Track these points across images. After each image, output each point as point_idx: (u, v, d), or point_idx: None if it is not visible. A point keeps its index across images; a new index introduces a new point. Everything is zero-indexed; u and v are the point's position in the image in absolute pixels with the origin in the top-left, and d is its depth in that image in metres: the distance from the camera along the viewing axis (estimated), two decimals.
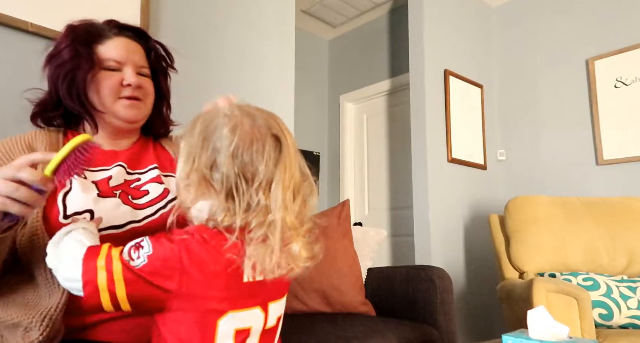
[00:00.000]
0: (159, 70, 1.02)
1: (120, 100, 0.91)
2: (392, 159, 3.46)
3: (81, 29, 0.92)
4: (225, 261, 0.63)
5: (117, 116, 0.92)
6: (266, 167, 0.65)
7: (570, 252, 1.99)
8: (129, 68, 0.92)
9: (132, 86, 0.92)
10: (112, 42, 0.92)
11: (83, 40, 0.90)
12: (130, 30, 0.97)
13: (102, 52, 0.91)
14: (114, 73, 0.91)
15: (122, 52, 0.92)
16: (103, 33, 0.93)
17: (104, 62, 0.91)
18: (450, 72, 2.91)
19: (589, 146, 2.76)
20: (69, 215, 0.80)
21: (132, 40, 0.96)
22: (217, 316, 0.64)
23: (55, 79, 0.90)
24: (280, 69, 2.19)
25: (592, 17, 2.83)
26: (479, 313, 2.79)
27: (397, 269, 1.65)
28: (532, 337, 0.76)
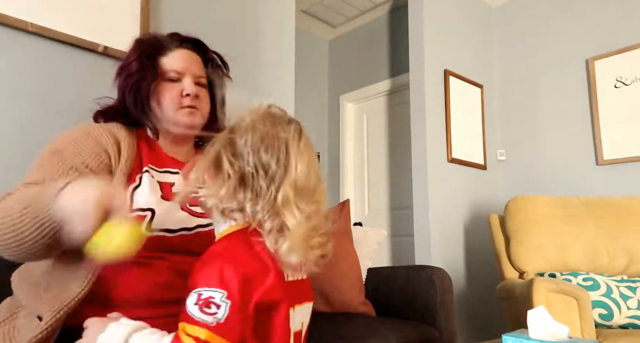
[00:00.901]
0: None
1: (180, 110, 0.98)
2: (392, 159, 3.46)
3: (147, 42, 1.00)
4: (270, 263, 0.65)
5: (177, 124, 0.99)
6: (278, 165, 0.66)
7: (570, 252, 1.99)
8: (188, 78, 0.99)
9: (191, 96, 0.98)
10: (173, 54, 1.00)
11: (149, 53, 0.98)
12: (190, 42, 1.04)
13: (165, 64, 0.98)
14: (175, 84, 0.98)
15: (182, 63, 0.99)
16: (166, 45, 1.00)
17: (166, 74, 0.98)
18: (450, 72, 2.91)
19: (589, 146, 2.76)
20: (134, 209, 0.85)
21: (192, 51, 1.03)
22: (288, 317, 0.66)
23: (124, 89, 0.97)
24: (280, 69, 2.19)
25: (592, 17, 2.83)
26: (479, 313, 2.78)
27: (397, 269, 1.65)
28: (532, 337, 0.76)
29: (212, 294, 0.60)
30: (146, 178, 0.91)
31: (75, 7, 1.49)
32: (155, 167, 0.96)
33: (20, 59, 1.40)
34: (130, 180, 0.89)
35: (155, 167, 0.96)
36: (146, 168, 0.93)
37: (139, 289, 0.82)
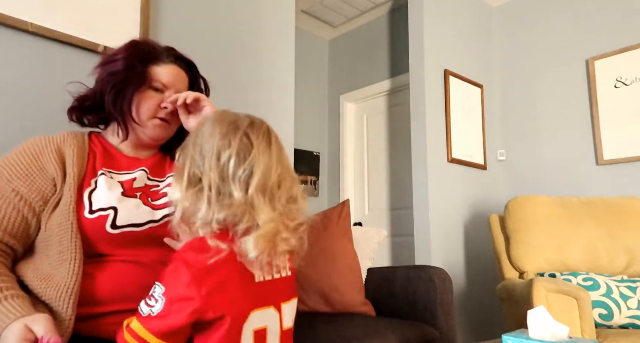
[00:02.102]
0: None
1: (153, 119, 1.01)
2: (392, 159, 3.46)
3: (143, 46, 1.02)
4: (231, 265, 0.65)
5: (145, 132, 1.01)
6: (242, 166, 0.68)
7: (570, 252, 1.99)
8: (171, 93, 1.02)
9: (167, 110, 1.01)
10: (166, 66, 1.02)
11: (141, 57, 0.99)
12: (184, 61, 1.08)
13: (154, 73, 1.00)
14: (157, 94, 1.01)
15: (170, 78, 1.02)
16: (161, 57, 1.02)
17: (152, 82, 1.00)
18: (450, 72, 2.91)
19: (589, 146, 2.76)
20: (94, 210, 0.87)
21: (182, 70, 1.06)
22: (242, 321, 0.65)
23: (105, 84, 0.98)
24: (280, 69, 2.19)
25: (592, 17, 2.83)
26: (479, 313, 2.78)
27: (397, 269, 1.65)
28: (532, 337, 0.76)
29: (156, 288, 0.65)
30: (102, 180, 0.92)
31: (75, 7, 1.49)
32: (112, 170, 0.97)
33: (20, 59, 1.40)
34: (84, 185, 0.90)
35: (112, 170, 0.97)
36: (101, 171, 0.94)
37: (118, 287, 0.83)
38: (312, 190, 3.71)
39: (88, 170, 0.93)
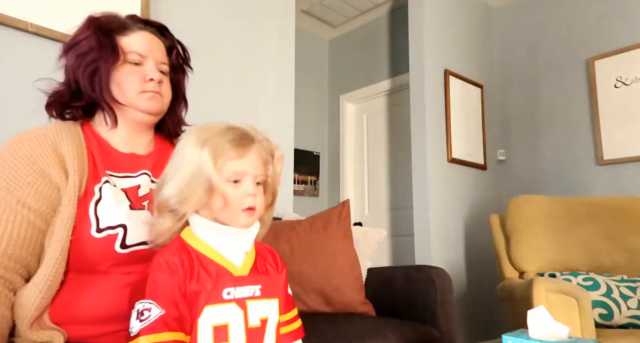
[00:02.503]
0: (177, 68, 1.01)
1: (142, 94, 0.90)
2: (392, 159, 3.46)
3: (104, 20, 0.91)
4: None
5: (138, 109, 0.91)
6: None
7: (570, 252, 1.99)
8: (151, 62, 0.92)
9: (155, 81, 0.91)
10: (136, 35, 0.92)
11: (106, 31, 0.89)
12: (153, 26, 0.97)
13: (126, 45, 0.90)
14: (137, 67, 0.91)
15: (146, 46, 0.92)
16: (127, 26, 0.92)
17: (127, 55, 0.90)
18: (450, 72, 2.91)
19: (589, 146, 2.76)
20: (102, 228, 0.79)
21: (155, 36, 0.95)
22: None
23: (76, 69, 0.88)
24: (280, 69, 2.19)
25: (592, 17, 2.83)
26: (479, 313, 2.78)
27: (397, 269, 1.65)
28: (532, 337, 0.76)
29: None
30: (107, 189, 0.84)
31: (75, 7, 1.50)
32: (113, 173, 0.88)
33: (20, 59, 1.40)
34: (88, 194, 0.82)
35: (113, 172, 0.89)
36: (105, 178, 0.86)
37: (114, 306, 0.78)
38: (312, 190, 3.71)
39: (90, 177, 0.84)
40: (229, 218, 0.72)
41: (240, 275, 0.73)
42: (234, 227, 0.72)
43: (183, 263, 0.69)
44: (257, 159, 0.73)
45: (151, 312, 0.64)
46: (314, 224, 1.64)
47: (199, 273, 0.69)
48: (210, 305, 0.68)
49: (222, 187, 0.70)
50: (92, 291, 0.78)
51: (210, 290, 0.69)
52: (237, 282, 0.72)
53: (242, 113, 1.99)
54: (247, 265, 0.75)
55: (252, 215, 0.73)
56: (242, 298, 0.71)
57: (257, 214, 0.74)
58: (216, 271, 0.71)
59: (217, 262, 0.72)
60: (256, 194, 0.73)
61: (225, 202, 0.71)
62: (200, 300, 0.68)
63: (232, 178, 0.71)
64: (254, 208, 0.72)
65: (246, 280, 0.73)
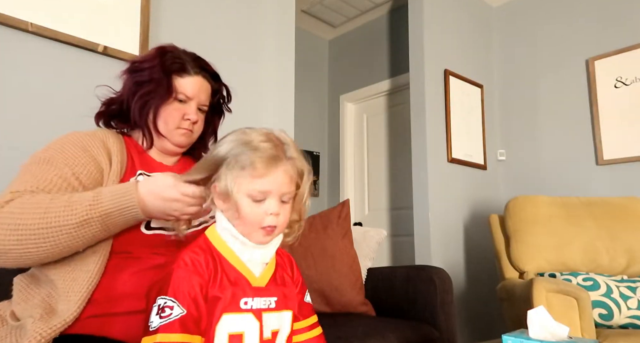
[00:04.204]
0: (216, 109, 1.13)
1: (178, 130, 1.02)
2: (392, 159, 3.46)
3: (170, 57, 1.01)
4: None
5: (171, 141, 1.03)
6: None
7: (570, 252, 1.99)
8: (194, 104, 1.02)
9: (191, 121, 1.02)
10: (191, 78, 1.02)
11: (168, 68, 0.99)
12: (208, 71, 1.07)
13: (179, 85, 1.00)
14: (181, 105, 1.01)
15: (195, 90, 1.02)
16: (187, 68, 1.02)
17: (177, 94, 1.00)
18: (450, 72, 2.91)
19: (589, 146, 2.76)
20: (153, 227, 0.90)
21: (206, 81, 1.06)
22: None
23: (131, 94, 0.99)
24: (280, 69, 2.19)
25: (592, 17, 2.83)
26: (479, 313, 2.78)
27: (397, 269, 1.65)
28: (532, 337, 0.76)
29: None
30: (141, 179, 0.92)
31: (75, 7, 1.49)
32: (146, 172, 0.98)
33: (20, 58, 1.40)
34: (124, 181, 0.92)
35: (146, 171, 0.98)
36: (140, 171, 0.97)
37: (137, 286, 0.83)
38: (312, 190, 3.71)
39: (127, 168, 0.95)
40: (246, 232, 0.72)
41: (258, 286, 0.73)
42: (251, 241, 0.73)
43: (208, 265, 0.69)
44: (285, 176, 0.72)
45: (173, 310, 0.64)
46: (314, 224, 1.64)
47: (221, 278, 0.70)
48: (228, 313, 0.69)
49: (237, 197, 0.70)
50: (127, 270, 0.85)
51: (229, 297, 0.69)
52: (254, 293, 0.72)
53: (242, 113, 1.99)
54: (265, 276, 0.75)
55: (271, 234, 0.73)
56: (259, 309, 0.71)
57: (277, 232, 0.74)
58: (235, 278, 0.71)
59: (238, 270, 0.72)
60: (279, 213, 0.72)
61: (239, 215, 0.71)
62: (219, 306, 0.68)
63: (256, 198, 0.71)
64: (274, 227, 0.72)
65: (263, 291, 0.73)
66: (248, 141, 0.71)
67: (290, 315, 0.75)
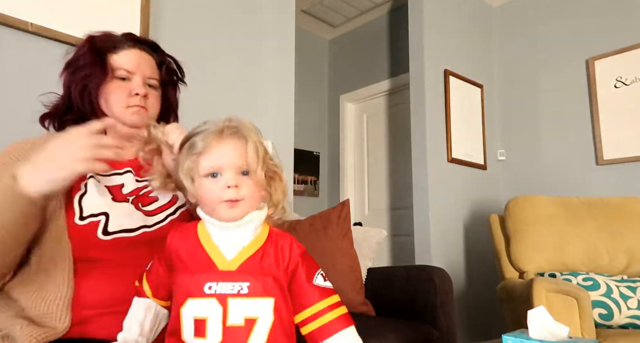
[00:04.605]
0: (168, 82, 1.06)
1: (128, 109, 0.96)
2: (392, 159, 3.46)
3: (99, 38, 0.97)
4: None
5: (124, 122, 0.97)
6: None
7: (570, 252, 1.99)
8: (138, 78, 0.97)
9: (139, 95, 0.96)
10: (125, 52, 0.97)
11: (99, 49, 0.95)
12: (145, 43, 1.02)
13: (115, 61, 0.96)
14: (124, 83, 0.96)
15: (133, 62, 0.97)
16: (118, 44, 0.98)
17: (115, 71, 0.95)
18: (450, 72, 2.91)
19: (589, 146, 2.76)
20: (85, 216, 0.85)
21: (145, 53, 1.01)
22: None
23: (70, 84, 0.95)
24: (280, 69, 2.19)
25: (592, 17, 2.83)
26: (479, 313, 2.78)
27: (397, 269, 1.65)
28: (532, 337, 0.76)
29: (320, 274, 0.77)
30: (92, 184, 0.89)
31: (75, 7, 1.50)
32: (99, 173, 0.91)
33: (20, 58, 1.40)
34: (74, 188, 0.87)
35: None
36: (90, 174, 0.91)
37: (107, 292, 0.81)
38: (312, 190, 3.71)
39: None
40: (211, 211, 0.72)
41: (226, 270, 0.71)
42: (220, 221, 0.71)
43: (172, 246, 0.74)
44: (234, 149, 0.71)
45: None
46: (314, 224, 1.64)
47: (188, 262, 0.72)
48: (193, 298, 0.69)
49: (197, 182, 0.72)
50: (88, 279, 0.81)
51: (194, 282, 0.70)
52: (220, 277, 0.70)
53: (242, 113, 1.99)
54: (238, 260, 0.72)
55: (235, 206, 0.70)
56: (224, 294, 0.69)
57: (243, 206, 0.71)
58: (203, 262, 0.71)
59: (208, 253, 0.72)
60: (237, 185, 0.70)
61: (202, 196, 0.72)
62: (183, 290, 0.70)
63: (210, 174, 0.71)
64: (235, 200, 0.70)
65: (232, 275, 0.70)
66: (192, 131, 0.74)
67: (271, 303, 0.71)
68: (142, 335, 0.74)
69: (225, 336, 0.67)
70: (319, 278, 0.76)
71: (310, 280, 0.75)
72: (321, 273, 0.77)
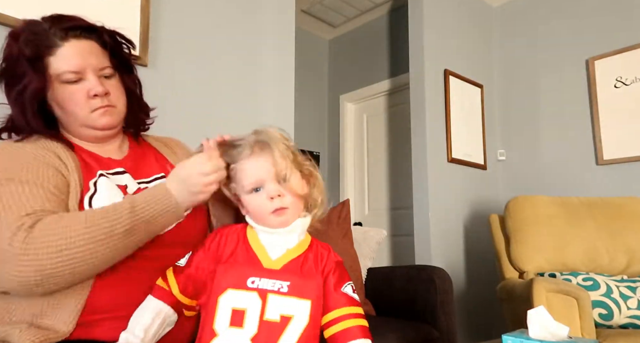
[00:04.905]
0: (120, 66, 0.91)
1: (93, 113, 0.84)
2: (392, 159, 3.46)
3: (24, 40, 0.80)
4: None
5: (95, 128, 0.86)
6: None
7: (570, 252, 1.98)
8: (91, 75, 0.82)
9: (100, 95, 0.83)
10: (62, 50, 0.81)
11: (29, 55, 0.79)
12: (77, 28, 0.83)
13: (56, 65, 0.80)
14: (75, 86, 0.82)
15: (77, 59, 0.81)
16: (50, 41, 0.80)
17: (60, 76, 0.80)
18: (450, 72, 2.91)
19: (589, 146, 2.76)
20: None
21: (84, 40, 0.83)
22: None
23: (10, 100, 0.82)
24: (280, 69, 2.19)
25: (592, 17, 2.83)
26: (479, 313, 2.78)
27: (397, 269, 1.65)
28: (532, 337, 0.76)
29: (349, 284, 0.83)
30: (103, 182, 0.83)
31: (75, 7, 1.49)
32: (104, 171, 0.86)
33: None
34: (83, 189, 0.81)
35: (103, 170, 0.87)
36: (100, 171, 0.85)
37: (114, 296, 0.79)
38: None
39: (84, 169, 0.84)
40: (261, 222, 0.79)
41: (270, 268, 0.76)
42: (271, 228, 0.79)
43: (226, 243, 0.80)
44: (267, 160, 0.78)
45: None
46: None
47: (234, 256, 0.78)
48: (234, 289, 0.73)
49: (242, 198, 0.81)
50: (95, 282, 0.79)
51: (237, 274, 0.74)
52: (264, 274, 0.75)
53: (242, 113, 1.99)
54: (282, 260, 0.78)
55: (283, 214, 0.78)
56: (265, 290, 0.74)
57: (290, 212, 0.79)
58: (248, 258, 0.77)
59: (254, 251, 0.78)
60: (281, 194, 0.77)
61: (248, 211, 0.80)
62: (223, 280, 0.74)
63: (253, 188, 0.79)
64: (282, 208, 0.77)
65: (274, 273, 0.76)
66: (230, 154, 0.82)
67: (308, 305, 0.75)
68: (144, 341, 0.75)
69: (261, 329, 0.71)
70: (348, 288, 0.82)
71: (339, 286, 0.81)
72: (351, 285, 0.83)
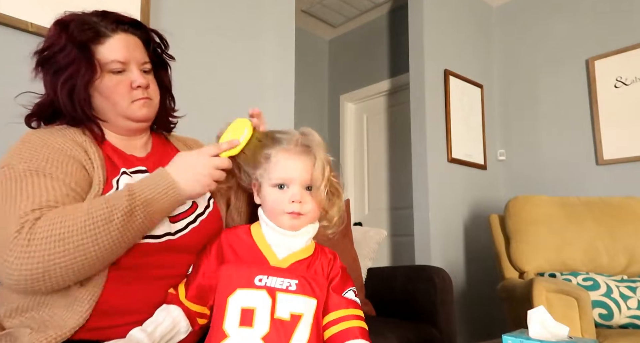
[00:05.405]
0: (159, 64, 0.96)
1: (133, 104, 0.87)
2: (392, 159, 3.46)
3: (75, 27, 0.83)
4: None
5: (130, 118, 0.88)
6: None
7: (570, 252, 1.99)
8: (134, 67, 0.87)
9: (142, 87, 0.87)
10: (112, 41, 0.85)
11: (80, 41, 0.82)
12: (125, 23, 0.88)
13: (104, 54, 0.84)
14: (120, 76, 0.86)
15: (125, 51, 0.85)
16: (100, 31, 0.84)
17: (107, 65, 0.84)
18: (450, 72, 2.91)
19: (589, 146, 2.76)
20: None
21: (131, 35, 0.88)
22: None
23: (54, 87, 0.84)
24: (280, 69, 2.19)
25: (592, 17, 2.83)
26: (479, 313, 2.78)
27: (397, 269, 1.65)
28: (532, 337, 0.76)
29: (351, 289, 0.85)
30: (124, 180, 0.83)
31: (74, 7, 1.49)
32: (126, 169, 0.86)
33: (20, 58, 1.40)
34: (106, 187, 0.81)
35: (126, 168, 0.87)
36: (123, 169, 0.86)
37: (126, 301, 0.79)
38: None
39: (108, 166, 0.84)
40: (274, 218, 0.79)
41: (277, 266, 0.76)
42: (280, 228, 0.79)
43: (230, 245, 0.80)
44: (305, 165, 0.79)
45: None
46: None
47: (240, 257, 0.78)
48: (242, 289, 0.73)
49: (264, 189, 0.81)
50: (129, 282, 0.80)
51: (244, 274, 0.74)
52: (271, 272, 0.75)
53: (242, 113, 1.99)
54: (288, 260, 0.78)
55: (297, 219, 0.78)
56: (273, 288, 0.74)
57: (304, 219, 0.79)
58: (255, 258, 0.77)
59: (261, 250, 0.78)
60: (302, 201, 0.78)
61: (266, 203, 0.80)
62: (232, 281, 0.74)
63: (278, 185, 0.79)
64: (298, 213, 0.78)
65: (282, 272, 0.76)
66: (271, 138, 0.83)
67: (314, 304, 0.76)
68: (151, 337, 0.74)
69: (273, 327, 0.71)
70: (350, 292, 0.83)
71: (342, 290, 0.82)
72: (354, 290, 0.85)
